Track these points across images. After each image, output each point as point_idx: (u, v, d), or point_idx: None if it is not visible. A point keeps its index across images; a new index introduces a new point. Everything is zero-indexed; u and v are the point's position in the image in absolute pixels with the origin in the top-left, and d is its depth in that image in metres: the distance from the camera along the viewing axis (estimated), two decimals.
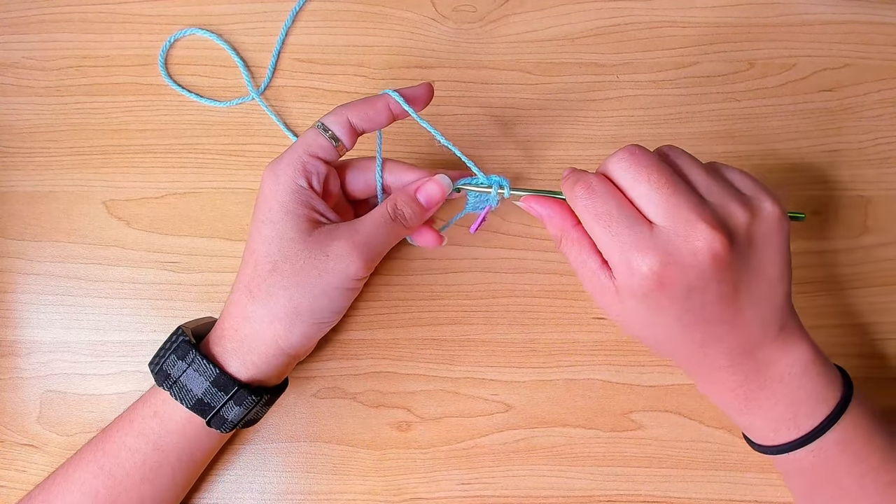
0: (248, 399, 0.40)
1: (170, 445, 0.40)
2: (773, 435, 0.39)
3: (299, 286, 0.39)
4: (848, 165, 0.49)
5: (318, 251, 0.39)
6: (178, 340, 0.40)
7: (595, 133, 0.50)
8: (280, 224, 0.39)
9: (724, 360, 0.37)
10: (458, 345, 0.48)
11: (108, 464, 0.40)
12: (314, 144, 0.40)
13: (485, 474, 0.47)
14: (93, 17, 0.51)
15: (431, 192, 0.41)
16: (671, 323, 0.36)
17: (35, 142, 0.50)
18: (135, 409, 0.41)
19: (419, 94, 0.42)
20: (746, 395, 0.38)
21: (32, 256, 0.49)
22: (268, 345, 0.39)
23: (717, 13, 0.51)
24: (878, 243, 0.48)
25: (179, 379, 0.39)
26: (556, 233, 0.39)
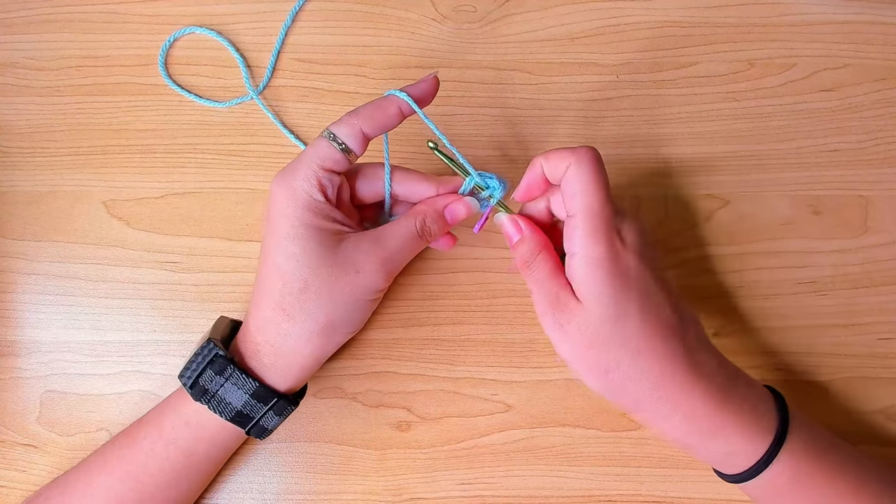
0: (287, 409, 0.41)
1: (200, 452, 0.41)
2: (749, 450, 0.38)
3: (333, 303, 0.39)
4: (848, 165, 0.49)
5: (349, 267, 0.39)
6: (211, 354, 0.39)
7: (595, 133, 0.50)
8: (305, 241, 0.38)
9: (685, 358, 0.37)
10: (458, 345, 0.48)
11: (136, 470, 0.40)
12: (328, 158, 0.39)
13: (485, 474, 0.47)
14: (93, 17, 0.51)
15: (459, 213, 0.42)
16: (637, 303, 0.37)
17: (35, 142, 0.50)
18: (164, 417, 0.41)
19: (426, 91, 0.41)
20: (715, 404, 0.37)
21: (32, 256, 0.49)
22: (306, 358, 0.40)
23: (717, 13, 0.51)
24: (878, 243, 0.48)
25: (217, 393, 0.39)
26: (532, 248, 0.39)
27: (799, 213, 0.49)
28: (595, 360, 0.37)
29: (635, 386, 0.37)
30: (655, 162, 0.49)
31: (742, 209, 0.49)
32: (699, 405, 0.37)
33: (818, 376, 0.47)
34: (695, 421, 0.37)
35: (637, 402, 0.38)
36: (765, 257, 0.48)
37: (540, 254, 0.39)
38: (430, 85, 0.41)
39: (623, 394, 0.38)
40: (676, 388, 0.37)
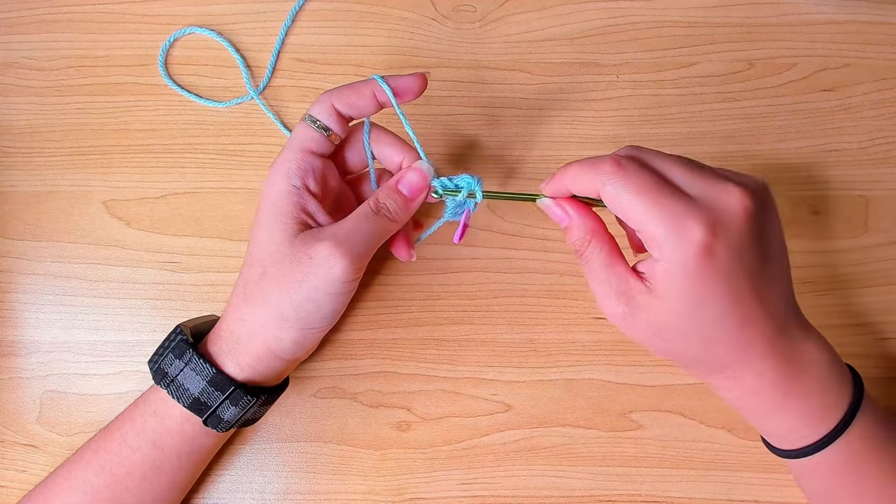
0: (243, 399, 0.40)
1: (169, 444, 0.40)
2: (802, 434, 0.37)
3: (284, 292, 0.38)
4: (848, 165, 0.49)
5: (302, 254, 0.38)
6: (176, 339, 0.40)
7: (595, 133, 0.50)
8: (270, 227, 0.38)
9: (761, 346, 0.35)
10: (458, 345, 0.48)
11: (110, 462, 0.40)
12: (306, 139, 0.39)
13: (485, 474, 0.47)
14: (93, 17, 0.51)
15: (413, 182, 0.40)
16: (724, 296, 0.33)
17: (35, 142, 0.50)
18: (135, 408, 0.41)
19: (409, 86, 0.40)
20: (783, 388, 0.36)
21: (32, 256, 0.49)
22: (259, 348, 0.39)
23: (717, 13, 0.51)
24: (878, 243, 0.48)
25: (177, 378, 0.39)
26: (583, 236, 0.37)
27: (799, 213, 0.49)
28: (664, 346, 0.36)
29: (704, 367, 0.37)
30: None
31: None
32: (768, 387, 0.36)
33: None
34: (760, 399, 0.37)
35: (703, 375, 0.37)
36: None
37: (592, 240, 0.37)
38: (415, 82, 0.40)
39: (690, 369, 0.38)
40: (748, 372, 0.36)
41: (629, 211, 0.33)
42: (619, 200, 0.34)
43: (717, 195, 0.33)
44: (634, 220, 0.33)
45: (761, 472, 0.46)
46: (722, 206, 0.33)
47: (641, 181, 0.33)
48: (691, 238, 0.32)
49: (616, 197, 0.34)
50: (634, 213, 0.33)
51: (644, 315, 0.35)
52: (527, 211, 0.49)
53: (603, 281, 0.36)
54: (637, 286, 0.35)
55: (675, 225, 0.32)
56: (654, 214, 0.33)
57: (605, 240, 0.37)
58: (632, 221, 0.34)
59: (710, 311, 0.34)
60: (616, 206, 0.34)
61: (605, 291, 0.36)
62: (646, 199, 0.33)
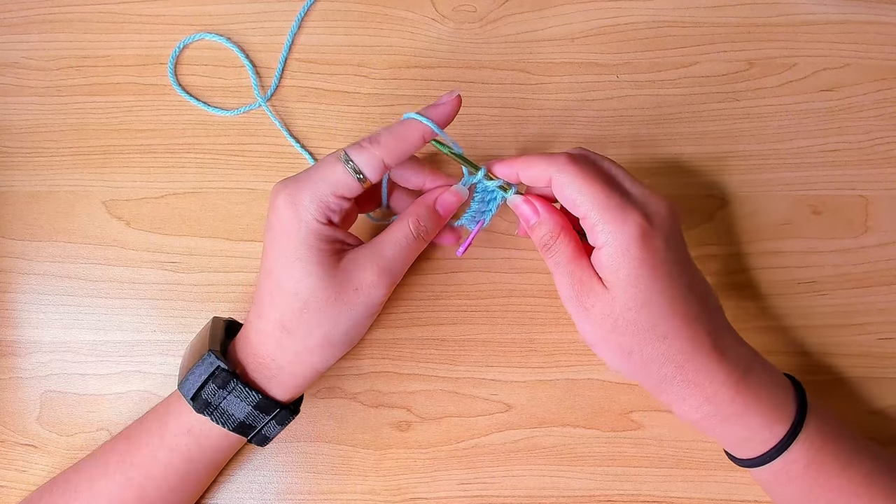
0: (289, 417, 0.41)
1: (204, 459, 0.41)
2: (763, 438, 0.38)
3: (332, 322, 0.39)
4: (848, 165, 0.49)
5: (348, 286, 0.39)
6: (213, 368, 0.39)
7: (595, 133, 0.50)
8: (306, 262, 0.38)
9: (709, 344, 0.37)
10: (458, 345, 0.48)
11: (138, 476, 0.40)
12: (341, 184, 0.38)
13: (485, 474, 0.47)
14: (93, 17, 0.51)
15: (449, 203, 0.41)
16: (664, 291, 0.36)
17: (35, 142, 0.50)
18: (165, 424, 0.41)
19: (447, 114, 0.39)
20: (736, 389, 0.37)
21: (32, 256, 0.49)
22: (306, 371, 0.40)
23: (717, 13, 0.51)
24: (878, 243, 0.48)
25: (220, 405, 0.39)
26: (551, 230, 0.39)
27: (799, 213, 0.49)
28: (618, 343, 0.37)
29: (658, 369, 0.37)
30: (655, 162, 0.49)
31: (742, 209, 0.49)
32: (721, 389, 0.37)
33: (818, 376, 0.47)
34: (716, 404, 0.37)
35: (659, 384, 0.38)
36: (765, 257, 0.48)
37: (559, 236, 0.39)
38: (452, 108, 0.40)
39: (646, 376, 0.38)
40: (700, 372, 0.37)
41: (578, 198, 0.37)
42: (571, 189, 0.37)
43: (650, 198, 0.38)
44: (582, 208, 0.37)
45: None
46: (654, 207, 0.37)
47: (591, 174, 0.37)
48: (632, 223, 0.36)
49: (568, 185, 0.37)
50: (583, 201, 0.37)
51: (598, 308, 0.37)
52: None
53: (568, 273, 0.38)
54: (596, 283, 0.37)
55: (618, 212, 0.36)
56: (601, 203, 0.36)
57: (571, 235, 0.39)
58: (579, 209, 0.37)
59: (657, 303, 0.36)
60: (566, 194, 0.37)
61: (569, 283, 0.38)
62: (594, 189, 0.36)
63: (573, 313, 0.38)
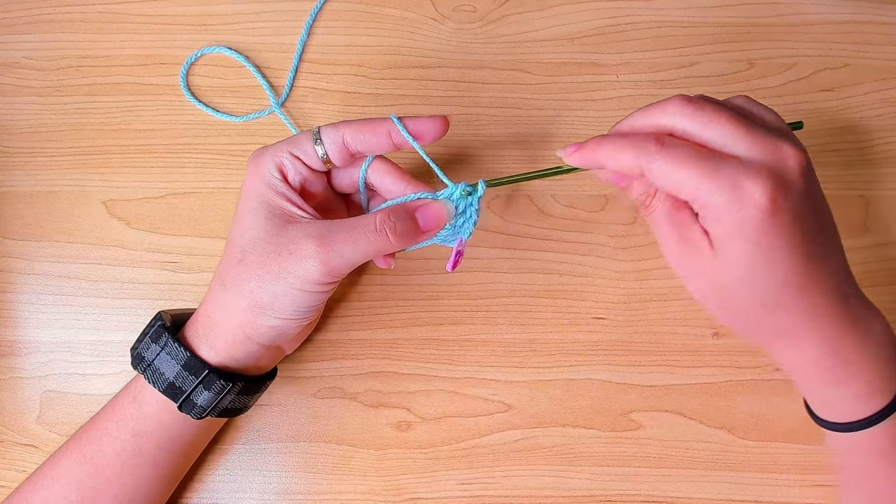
0: (217, 383, 0.39)
1: (147, 432, 0.40)
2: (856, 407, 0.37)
3: (260, 280, 0.38)
4: (848, 165, 0.49)
5: (284, 248, 0.37)
6: (155, 325, 0.40)
7: (595, 133, 0.49)
8: (254, 214, 0.39)
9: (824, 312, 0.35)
10: (458, 345, 0.48)
11: (90, 451, 0.40)
12: (300, 148, 0.39)
13: (485, 474, 0.47)
14: (93, 17, 0.51)
15: (433, 217, 0.39)
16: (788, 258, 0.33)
17: (35, 142, 0.50)
18: (117, 397, 0.42)
19: (428, 129, 0.39)
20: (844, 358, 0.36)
21: (32, 256, 0.49)
22: (234, 332, 0.39)
23: (717, 13, 0.51)
24: (878, 243, 0.48)
25: (153, 362, 0.39)
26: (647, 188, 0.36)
27: None
28: (722, 303, 0.36)
29: (766, 333, 0.37)
30: None
31: None
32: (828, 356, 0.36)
33: None
34: (820, 367, 0.36)
35: (764, 341, 0.37)
36: None
37: (657, 191, 0.36)
38: (435, 125, 0.39)
39: (751, 334, 0.37)
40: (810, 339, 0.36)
41: (681, 185, 0.33)
42: (669, 177, 0.33)
43: (773, 155, 0.32)
44: (688, 193, 0.33)
45: (761, 472, 0.46)
46: (780, 167, 0.32)
47: (689, 154, 0.33)
48: (751, 203, 0.32)
49: (664, 175, 0.33)
50: (687, 187, 0.33)
51: (706, 272, 0.35)
52: (527, 211, 0.49)
53: (670, 231, 0.35)
54: (702, 241, 0.34)
55: (733, 191, 0.32)
56: (707, 182, 0.32)
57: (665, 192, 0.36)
58: (685, 194, 0.33)
59: (771, 275, 0.33)
60: (665, 182, 0.33)
61: (671, 243, 0.35)
62: (695, 169, 0.32)
63: (676, 268, 0.36)
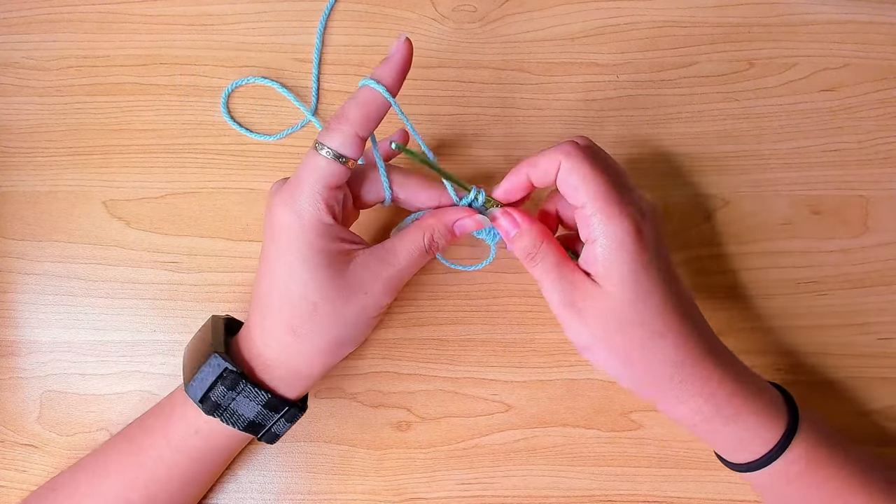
0: (297, 415, 0.41)
1: (209, 459, 0.41)
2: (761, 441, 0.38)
3: (343, 323, 0.39)
4: (848, 165, 0.49)
5: (357, 289, 0.39)
6: (220, 370, 0.38)
7: (595, 133, 0.50)
8: (314, 266, 0.37)
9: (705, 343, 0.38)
10: (458, 345, 0.48)
11: (144, 476, 0.41)
12: (328, 174, 0.37)
13: (485, 474, 0.47)
14: (93, 17, 0.51)
15: (468, 229, 0.41)
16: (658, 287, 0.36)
17: (35, 142, 0.50)
18: (170, 425, 0.41)
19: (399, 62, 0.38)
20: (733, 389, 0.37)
21: (32, 256, 0.49)
22: (315, 371, 0.40)
23: (717, 13, 0.51)
24: (878, 243, 0.48)
25: (229, 406, 0.39)
26: (534, 239, 0.39)
27: (799, 213, 0.49)
28: (617, 343, 0.37)
29: (658, 368, 0.37)
30: (655, 162, 0.49)
31: (742, 209, 0.49)
32: (718, 389, 0.37)
33: (818, 376, 0.47)
34: (715, 405, 0.37)
35: (659, 386, 0.38)
36: (765, 257, 0.48)
37: (542, 243, 0.39)
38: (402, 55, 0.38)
39: (645, 378, 0.38)
40: (697, 371, 0.37)
41: (581, 186, 0.36)
42: (575, 176, 0.37)
43: (642, 199, 0.38)
44: (582, 196, 0.37)
45: None
46: (646, 206, 0.38)
47: (596, 164, 0.37)
48: (629, 217, 0.36)
49: (573, 171, 0.37)
50: (585, 190, 0.36)
51: (593, 308, 0.37)
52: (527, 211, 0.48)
53: (555, 279, 0.38)
54: (588, 283, 0.37)
55: (617, 206, 0.36)
56: (602, 194, 0.36)
57: (554, 242, 0.39)
58: (579, 197, 0.37)
59: (652, 299, 0.36)
60: (569, 180, 0.37)
61: (557, 289, 0.38)
62: (597, 179, 0.36)
63: (565, 319, 0.38)
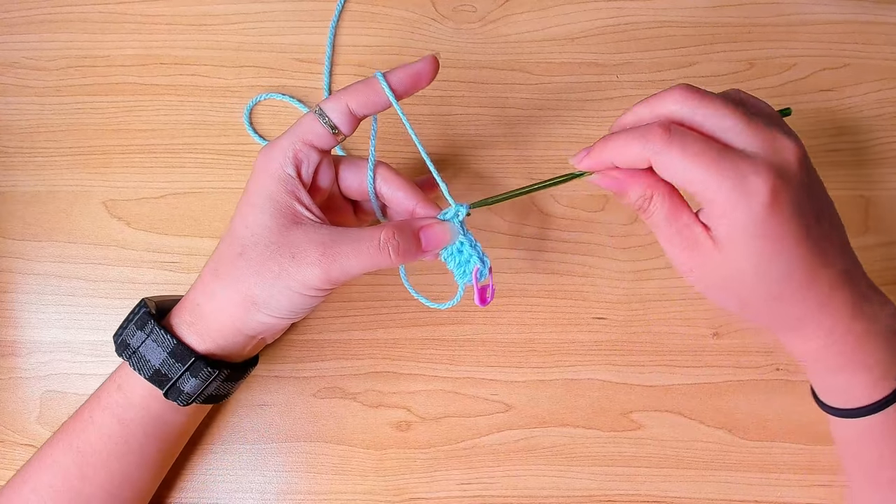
0: (203, 371, 0.39)
1: (135, 420, 0.41)
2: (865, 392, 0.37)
3: (259, 277, 0.38)
4: (848, 165, 0.49)
5: (286, 249, 0.37)
6: (139, 311, 0.40)
7: (595, 133, 0.50)
8: (260, 210, 0.38)
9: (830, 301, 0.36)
10: (458, 345, 0.48)
11: (77, 440, 0.40)
12: (309, 131, 0.38)
13: (485, 474, 0.47)
14: (93, 17, 0.51)
15: (436, 238, 0.39)
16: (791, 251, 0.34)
17: (35, 142, 0.50)
18: (103, 386, 0.42)
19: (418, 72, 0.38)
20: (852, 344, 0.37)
21: (32, 256, 0.49)
22: (224, 324, 0.39)
23: (717, 13, 0.51)
24: (878, 243, 0.48)
25: (139, 349, 0.39)
26: (643, 193, 0.36)
27: None
28: (730, 297, 0.37)
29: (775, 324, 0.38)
30: None
31: None
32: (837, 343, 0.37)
33: None
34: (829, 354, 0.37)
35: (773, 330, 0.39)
36: None
37: (653, 195, 0.36)
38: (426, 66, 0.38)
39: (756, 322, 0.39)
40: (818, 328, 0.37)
41: (686, 177, 0.33)
42: (675, 169, 0.34)
43: (773, 148, 0.33)
44: (693, 186, 0.33)
45: (761, 472, 0.46)
46: (779, 160, 0.33)
47: (695, 146, 0.33)
48: (756, 197, 0.32)
49: (671, 166, 0.34)
50: (692, 179, 0.33)
51: (711, 269, 0.35)
52: (526, 211, 0.49)
53: (671, 233, 0.36)
54: (704, 239, 0.35)
55: (739, 185, 0.32)
56: (715, 177, 0.33)
57: (666, 191, 0.36)
58: (690, 186, 0.34)
59: (776, 269, 0.34)
60: (672, 174, 0.34)
61: (673, 243, 0.36)
62: (703, 163, 0.33)
63: (680, 269, 0.36)
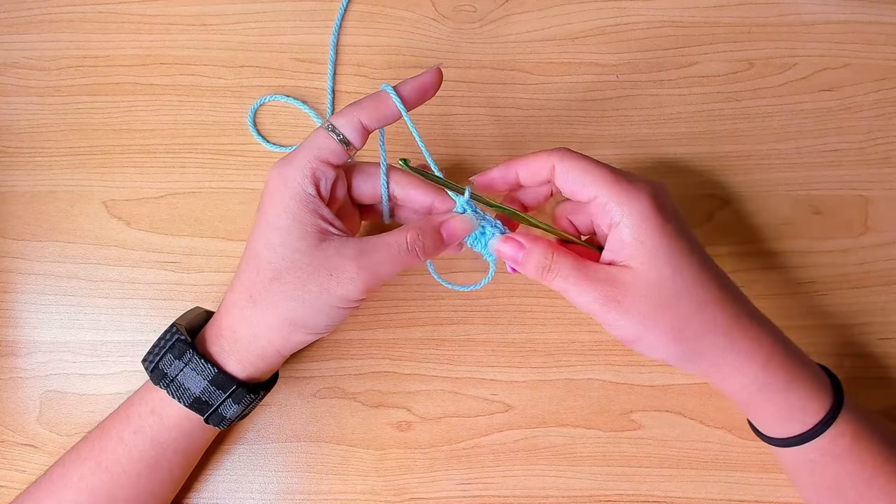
0: (246, 397, 0.40)
1: (167, 441, 0.41)
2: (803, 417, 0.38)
3: (300, 299, 0.38)
4: (848, 165, 0.49)
5: (323, 268, 0.38)
6: (173, 339, 0.40)
7: (595, 133, 0.50)
8: (287, 232, 0.38)
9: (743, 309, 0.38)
10: (458, 345, 0.48)
11: (106, 460, 0.40)
12: (325, 149, 0.38)
13: (485, 474, 0.47)
14: (93, 17, 0.51)
15: (456, 230, 0.40)
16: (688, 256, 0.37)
17: (35, 142, 0.50)
18: (131, 406, 0.41)
19: (424, 83, 0.39)
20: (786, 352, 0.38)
21: (32, 256, 0.49)
22: (265, 349, 0.39)
23: (717, 13, 0.51)
24: (878, 243, 0.48)
25: (177, 378, 0.39)
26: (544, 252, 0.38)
27: (799, 213, 0.49)
28: (665, 322, 0.36)
29: (710, 340, 0.37)
30: (655, 162, 0.49)
31: (742, 209, 0.49)
32: (772, 354, 0.37)
33: None
34: (771, 371, 0.37)
35: (712, 358, 0.37)
36: (765, 257, 0.48)
37: (554, 254, 0.38)
38: (431, 78, 0.40)
39: (699, 352, 0.37)
40: (747, 338, 0.37)
41: (586, 179, 0.37)
42: (576, 172, 0.37)
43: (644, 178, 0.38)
44: (591, 188, 0.37)
45: (761, 472, 0.46)
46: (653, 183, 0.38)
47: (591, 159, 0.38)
48: (644, 193, 0.36)
49: (573, 169, 0.38)
50: (591, 181, 0.37)
51: (635, 293, 0.36)
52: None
53: (580, 283, 0.37)
54: (616, 270, 0.37)
55: (628, 186, 0.37)
56: (609, 180, 0.37)
57: (565, 249, 0.39)
58: (588, 190, 0.37)
59: (688, 269, 0.37)
60: (573, 177, 0.38)
61: (587, 291, 0.37)
62: (599, 168, 0.37)
63: (605, 317, 0.37)
